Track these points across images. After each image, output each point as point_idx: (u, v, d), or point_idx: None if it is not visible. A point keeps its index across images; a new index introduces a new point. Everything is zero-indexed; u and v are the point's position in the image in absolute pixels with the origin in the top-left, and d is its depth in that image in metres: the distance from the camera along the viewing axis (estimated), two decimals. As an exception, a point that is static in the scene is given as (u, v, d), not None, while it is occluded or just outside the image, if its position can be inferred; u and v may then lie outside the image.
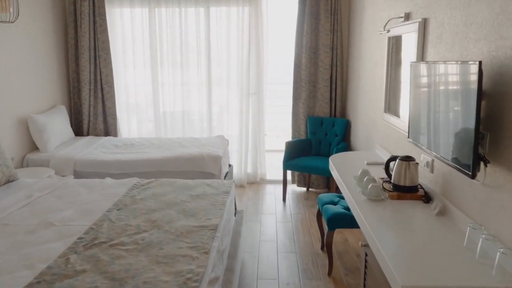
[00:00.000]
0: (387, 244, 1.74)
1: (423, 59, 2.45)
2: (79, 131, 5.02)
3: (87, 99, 4.91)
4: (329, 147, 4.70)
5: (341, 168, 2.90)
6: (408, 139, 2.41)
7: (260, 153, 5.19)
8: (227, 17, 4.95)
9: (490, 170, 1.68)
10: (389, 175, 2.40)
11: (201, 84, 5.10)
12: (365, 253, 2.17)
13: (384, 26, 3.07)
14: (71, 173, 3.87)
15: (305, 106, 4.84)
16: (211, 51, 5.03)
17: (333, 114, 4.84)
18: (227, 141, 4.71)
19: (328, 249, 3.06)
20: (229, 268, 2.47)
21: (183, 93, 5.13)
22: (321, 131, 4.76)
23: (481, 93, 1.60)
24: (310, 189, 4.96)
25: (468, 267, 1.55)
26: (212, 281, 1.99)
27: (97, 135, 4.97)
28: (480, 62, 1.59)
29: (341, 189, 2.64)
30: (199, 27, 4.97)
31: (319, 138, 4.77)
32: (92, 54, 4.85)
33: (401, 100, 2.94)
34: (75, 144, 4.41)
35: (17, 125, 3.99)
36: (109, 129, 5.03)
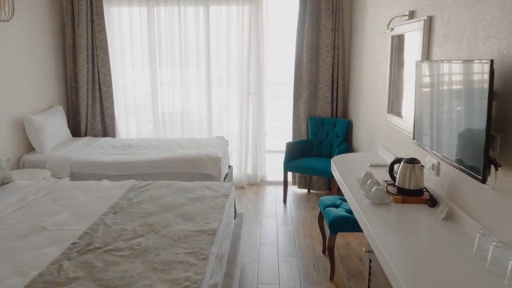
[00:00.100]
0: (392, 249, 1.68)
1: (428, 58, 2.38)
2: (76, 131, 4.95)
3: (85, 99, 4.85)
4: (331, 148, 4.62)
5: (343, 170, 2.83)
6: (413, 141, 2.34)
7: (260, 154, 5.11)
8: (227, 16, 4.89)
9: (500, 173, 1.61)
10: (393, 177, 2.33)
11: (201, 84, 5.03)
12: (369, 260, 2.10)
13: (387, 24, 3.00)
14: (67, 174, 3.80)
15: (306, 106, 4.77)
16: (210, 51, 4.96)
17: (335, 114, 4.77)
18: (227, 141, 4.64)
19: (330, 253, 2.99)
20: (229, 273, 2.40)
21: (183, 93, 5.06)
22: (323, 131, 4.68)
23: (492, 93, 1.53)
24: (311, 190, 4.89)
25: (478, 275, 1.48)
26: (210, 288, 1.92)
27: (95, 135, 4.90)
28: (491, 61, 1.51)
29: (343, 191, 2.57)
30: (199, 26, 4.90)
31: (320, 139, 4.69)
32: (90, 53, 4.78)
33: (404, 100, 2.88)
34: (72, 145, 4.34)
35: (13, 126, 3.92)
36: (107, 129, 4.96)
